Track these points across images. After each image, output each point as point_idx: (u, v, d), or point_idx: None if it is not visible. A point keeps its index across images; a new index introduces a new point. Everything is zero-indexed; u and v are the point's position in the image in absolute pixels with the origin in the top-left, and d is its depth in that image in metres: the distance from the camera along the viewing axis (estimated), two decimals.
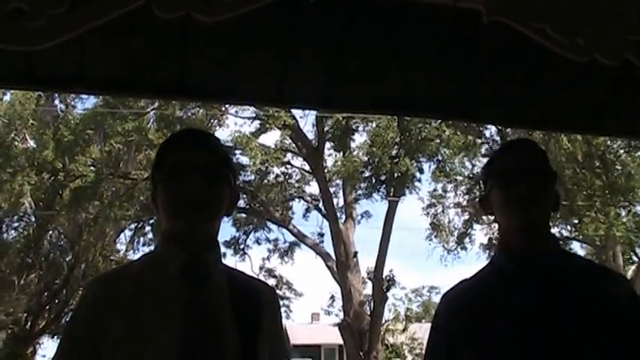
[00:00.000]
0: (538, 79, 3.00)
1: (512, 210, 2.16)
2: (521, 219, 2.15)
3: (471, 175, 20.87)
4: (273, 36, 2.69)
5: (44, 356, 26.77)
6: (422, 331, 23.07)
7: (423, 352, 2.31)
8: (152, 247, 2.21)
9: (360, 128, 21.11)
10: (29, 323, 23.96)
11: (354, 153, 20.71)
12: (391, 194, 20.75)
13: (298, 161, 21.92)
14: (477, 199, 2.81)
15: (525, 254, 2.15)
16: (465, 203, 21.57)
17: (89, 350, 1.86)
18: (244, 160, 20.32)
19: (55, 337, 23.84)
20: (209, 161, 2.02)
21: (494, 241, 19.86)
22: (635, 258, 22.71)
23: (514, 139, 2.71)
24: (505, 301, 2.09)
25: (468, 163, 21.00)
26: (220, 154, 2.10)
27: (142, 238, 23.23)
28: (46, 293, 23.87)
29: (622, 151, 18.91)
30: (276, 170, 21.66)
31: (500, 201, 2.21)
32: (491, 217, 2.42)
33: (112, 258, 23.16)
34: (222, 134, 20.49)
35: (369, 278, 20.91)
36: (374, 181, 20.83)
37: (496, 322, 2.06)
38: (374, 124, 20.15)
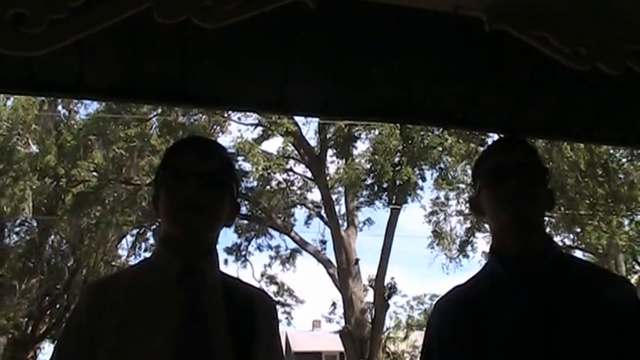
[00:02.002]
0: (539, 87, 2.99)
1: (504, 208, 2.08)
2: (514, 216, 2.06)
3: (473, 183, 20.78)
4: (275, 43, 2.69)
5: None
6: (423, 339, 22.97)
7: None
8: None
9: (363, 136, 21.13)
10: (30, 328, 23.96)
11: (357, 160, 20.73)
12: (393, 202, 20.73)
13: (300, 168, 21.93)
14: (467, 201, 2.73)
15: (520, 258, 2.06)
16: (467, 211, 21.53)
17: (82, 358, 1.86)
18: (246, 166, 20.36)
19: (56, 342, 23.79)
20: (212, 168, 2.02)
21: None
22: (637, 267, 22.67)
23: (503, 137, 2.66)
24: (500, 311, 2.02)
25: (470, 171, 20.91)
26: (224, 162, 2.10)
27: (143, 244, 23.24)
28: (47, 298, 23.86)
29: (624, 159, 18.90)
30: (279, 177, 21.68)
31: (491, 200, 2.13)
32: None
33: (113, 263, 23.15)
34: (225, 140, 20.56)
35: (371, 286, 20.88)
36: (376, 188, 20.81)
37: (491, 333, 1.99)
38: (376, 132, 20.15)
